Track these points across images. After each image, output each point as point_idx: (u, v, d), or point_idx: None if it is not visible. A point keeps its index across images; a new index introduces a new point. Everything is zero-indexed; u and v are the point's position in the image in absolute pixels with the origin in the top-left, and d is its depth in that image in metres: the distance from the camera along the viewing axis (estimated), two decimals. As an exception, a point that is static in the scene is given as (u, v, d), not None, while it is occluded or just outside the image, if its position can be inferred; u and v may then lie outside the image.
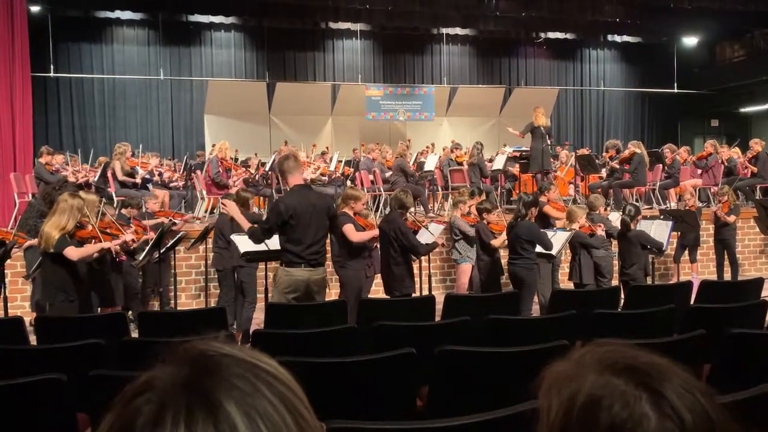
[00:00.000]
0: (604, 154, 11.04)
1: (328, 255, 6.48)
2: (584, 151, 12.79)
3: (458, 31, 19.52)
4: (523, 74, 20.85)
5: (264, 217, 5.81)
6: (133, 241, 5.74)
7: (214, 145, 10.99)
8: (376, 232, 6.16)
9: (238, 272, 6.60)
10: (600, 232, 6.82)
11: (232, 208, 5.44)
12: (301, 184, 5.03)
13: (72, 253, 4.76)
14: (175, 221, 7.65)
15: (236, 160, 12.56)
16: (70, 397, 2.67)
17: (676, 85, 19.80)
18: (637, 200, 10.35)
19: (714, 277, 8.80)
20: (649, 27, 18.55)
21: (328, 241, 5.33)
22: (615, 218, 7.46)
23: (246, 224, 5.18)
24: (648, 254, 6.87)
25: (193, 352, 0.63)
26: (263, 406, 0.59)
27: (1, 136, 10.17)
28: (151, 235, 6.45)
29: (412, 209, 7.26)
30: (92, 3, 16.52)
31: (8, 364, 3.25)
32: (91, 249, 5.00)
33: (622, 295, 5.52)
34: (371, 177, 10.72)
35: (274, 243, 5.36)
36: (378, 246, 6.30)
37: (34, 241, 5.52)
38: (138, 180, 9.25)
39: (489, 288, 6.72)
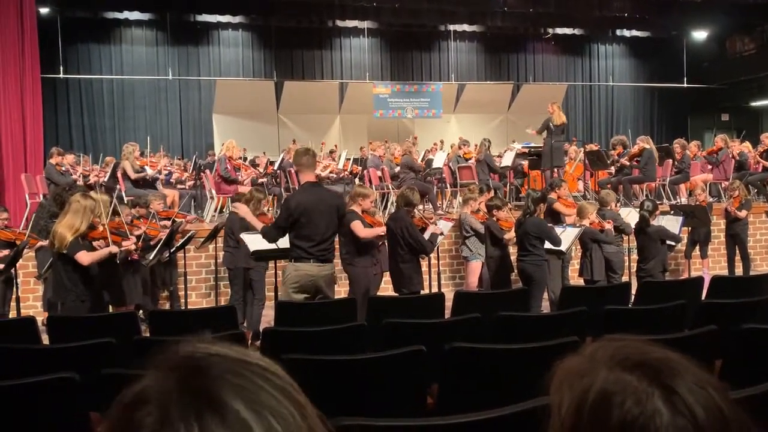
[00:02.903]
0: (611, 151, 10.98)
1: (337, 253, 6.48)
2: (593, 147, 12.73)
3: (466, 27, 19.45)
4: (531, 70, 20.77)
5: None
6: (136, 243, 5.76)
7: (223, 144, 11.04)
8: (383, 229, 6.16)
9: (248, 271, 6.61)
10: (609, 227, 6.80)
11: (243, 210, 5.42)
12: (312, 182, 5.06)
13: (84, 258, 4.79)
14: (181, 222, 7.65)
15: (245, 159, 12.59)
16: (82, 396, 2.69)
17: (685, 79, 19.65)
18: (647, 196, 10.29)
19: (725, 272, 8.75)
20: (657, 21, 18.42)
21: (336, 239, 5.34)
22: (625, 214, 7.43)
23: (258, 224, 5.21)
24: (666, 250, 6.86)
25: (180, 357, 0.62)
26: (267, 400, 0.59)
27: (12, 137, 10.25)
28: (162, 235, 6.48)
29: (420, 206, 7.25)
30: (101, 4, 16.60)
31: (21, 364, 3.28)
32: (101, 254, 5.02)
33: (633, 291, 5.50)
34: (379, 174, 10.72)
35: (283, 241, 5.37)
36: (385, 244, 6.30)
37: (46, 242, 5.56)
38: (148, 177, 9.30)
39: (499, 285, 6.70)
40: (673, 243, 7.01)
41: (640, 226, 6.71)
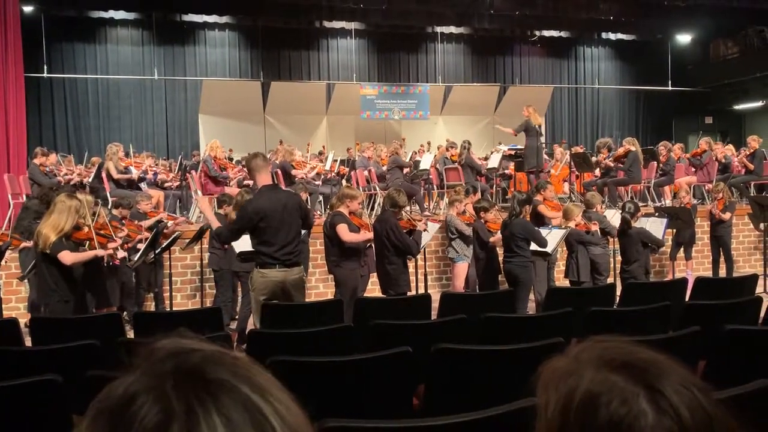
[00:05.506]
0: (600, 153, 11.03)
1: (325, 254, 6.47)
2: (579, 149, 12.80)
3: (453, 29, 19.52)
4: (518, 72, 20.87)
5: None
6: (121, 246, 5.71)
7: (207, 145, 10.99)
8: (370, 235, 6.15)
9: (237, 272, 6.58)
10: (594, 229, 6.84)
11: (203, 204, 5.34)
12: (270, 185, 4.93)
13: (66, 257, 4.75)
14: (167, 223, 7.60)
15: (231, 159, 12.54)
16: (65, 398, 2.66)
17: (670, 82, 19.84)
18: (632, 198, 10.37)
19: (709, 273, 8.83)
20: (643, 25, 18.60)
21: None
22: (610, 215, 7.48)
23: (215, 223, 5.10)
24: (649, 252, 6.91)
25: (164, 351, 0.60)
26: (266, 384, 0.59)
27: (-5, 137, 10.13)
28: (146, 235, 6.44)
29: (407, 208, 7.25)
30: (85, 3, 16.46)
31: (3, 366, 3.24)
32: (85, 256, 4.97)
33: (618, 292, 5.53)
34: (366, 175, 10.71)
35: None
36: (372, 245, 6.30)
37: (29, 243, 5.50)
38: (133, 177, 9.24)
39: (485, 286, 6.72)
40: (655, 246, 7.07)
41: (622, 228, 6.76)
